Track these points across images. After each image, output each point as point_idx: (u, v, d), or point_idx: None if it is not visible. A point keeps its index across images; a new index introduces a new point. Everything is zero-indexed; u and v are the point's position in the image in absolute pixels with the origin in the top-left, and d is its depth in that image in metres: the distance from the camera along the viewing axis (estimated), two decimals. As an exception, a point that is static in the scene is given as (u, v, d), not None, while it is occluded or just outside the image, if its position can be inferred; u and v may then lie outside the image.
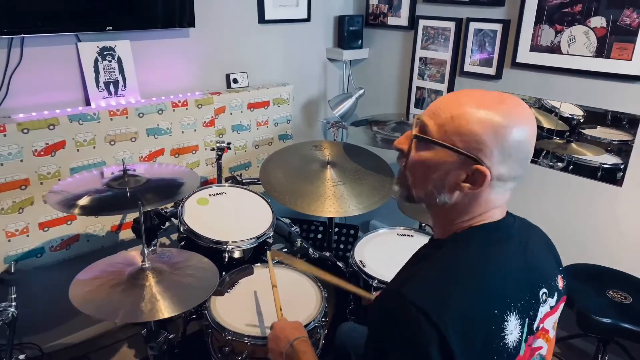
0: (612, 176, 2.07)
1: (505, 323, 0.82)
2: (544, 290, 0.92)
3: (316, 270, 1.49)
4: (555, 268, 0.99)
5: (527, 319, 0.87)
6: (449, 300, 0.80)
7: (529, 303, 0.88)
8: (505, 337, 0.82)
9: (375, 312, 0.89)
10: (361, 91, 2.66)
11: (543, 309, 0.91)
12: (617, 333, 1.78)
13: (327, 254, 2.10)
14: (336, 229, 2.64)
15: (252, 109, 2.57)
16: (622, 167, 2.04)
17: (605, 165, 2.09)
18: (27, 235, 1.95)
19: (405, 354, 0.79)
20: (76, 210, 1.38)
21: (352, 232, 2.74)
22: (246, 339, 1.40)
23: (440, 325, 0.77)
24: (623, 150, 2.03)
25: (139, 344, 2.30)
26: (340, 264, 2.07)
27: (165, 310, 1.21)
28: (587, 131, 2.12)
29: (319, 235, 2.75)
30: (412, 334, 0.78)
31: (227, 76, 2.51)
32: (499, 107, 0.84)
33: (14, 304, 1.47)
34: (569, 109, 2.16)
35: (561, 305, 0.99)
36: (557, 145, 2.23)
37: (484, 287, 0.83)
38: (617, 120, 2.02)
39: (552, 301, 0.94)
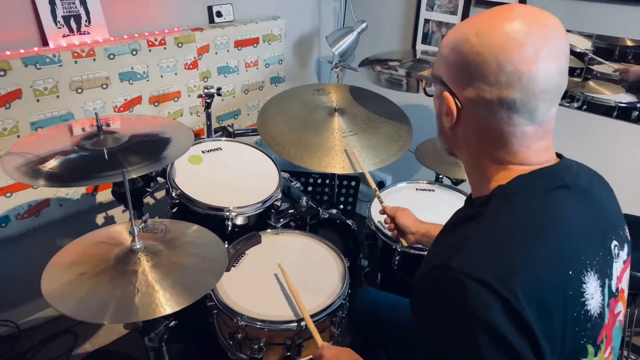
0: (627, 115, 1.94)
1: (584, 286, 0.68)
2: (615, 242, 0.77)
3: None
4: (621, 216, 0.84)
5: (606, 279, 0.72)
6: (513, 264, 0.63)
7: (605, 259, 0.73)
8: (586, 302, 0.68)
9: (423, 297, 0.70)
10: (363, 25, 2.34)
11: (617, 265, 0.76)
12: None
13: (334, 211, 1.88)
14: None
15: (239, 48, 2.24)
16: (638, 105, 1.91)
17: (621, 104, 1.94)
18: (-13, 203, 1.66)
19: (471, 338, 0.61)
20: (40, 182, 1.09)
21: (353, 183, 2.53)
22: (263, 324, 1.19)
23: (506, 294, 0.60)
24: (634, 87, 1.89)
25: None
26: (349, 221, 1.86)
27: (166, 304, 0.97)
28: (595, 67, 1.95)
29: (318, 189, 2.53)
30: (474, 312, 0.60)
31: (209, 8, 2.15)
32: (474, 18, 0.72)
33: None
34: (580, 43, 1.94)
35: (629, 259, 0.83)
36: (574, 83, 2.03)
37: (552, 244, 0.67)
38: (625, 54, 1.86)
39: (623, 254, 0.79)
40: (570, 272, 0.66)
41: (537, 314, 0.61)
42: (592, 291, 0.68)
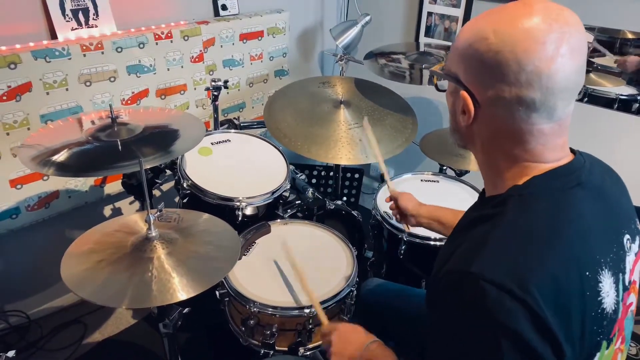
0: (628, 107, 1.96)
1: (600, 285, 0.68)
2: (627, 236, 0.78)
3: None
4: (633, 208, 0.84)
5: (619, 274, 0.73)
6: (532, 268, 0.63)
7: (618, 255, 0.73)
8: (603, 301, 0.69)
9: (442, 302, 0.70)
10: (367, 18, 2.36)
11: (630, 258, 0.77)
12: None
13: (340, 202, 1.91)
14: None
15: (244, 41, 2.25)
16: (639, 97, 1.93)
17: (622, 97, 1.97)
18: (-2, 195, 1.68)
19: (494, 345, 0.62)
20: (51, 171, 1.12)
21: (356, 176, 2.55)
22: (275, 310, 1.22)
23: (528, 300, 0.60)
24: (634, 80, 1.92)
25: (136, 305, 2.12)
26: (354, 212, 1.88)
27: (183, 289, 1.00)
28: (596, 60, 1.97)
29: (322, 181, 2.56)
30: (496, 318, 0.61)
31: (215, 2, 2.17)
32: (491, 14, 0.70)
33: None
34: None
35: None
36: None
37: (569, 246, 0.67)
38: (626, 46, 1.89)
39: (635, 247, 0.79)
40: (587, 273, 0.67)
41: (557, 317, 0.62)
42: (608, 289, 0.69)
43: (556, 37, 0.65)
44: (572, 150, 0.78)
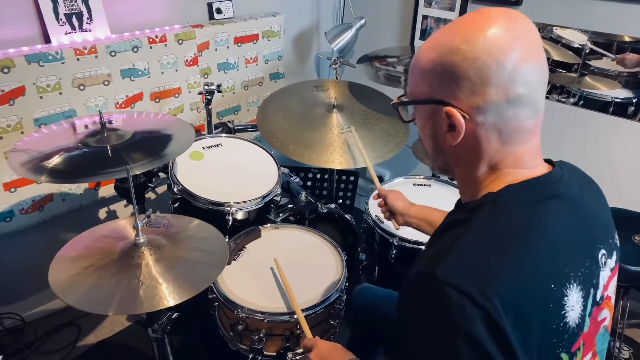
0: (624, 111, 1.95)
1: (566, 299, 0.68)
2: (603, 251, 0.77)
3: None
4: (612, 222, 0.83)
5: (590, 289, 0.72)
6: (496, 275, 0.64)
7: (590, 270, 0.73)
8: (566, 315, 0.68)
9: (407, 302, 0.71)
10: (362, 21, 2.36)
11: (604, 274, 0.76)
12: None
13: (333, 206, 1.92)
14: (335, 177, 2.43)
15: (239, 44, 2.26)
16: (634, 101, 1.92)
17: (617, 100, 1.96)
18: (-9, 199, 1.69)
19: (451, 348, 0.62)
20: (45, 177, 1.12)
21: (352, 178, 2.56)
22: (263, 315, 1.23)
23: (487, 307, 0.61)
24: (631, 82, 1.91)
25: (130, 308, 2.12)
26: (347, 216, 1.89)
27: (170, 296, 1.00)
28: (593, 62, 1.97)
29: (317, 184, 2.56)
30: (456, 322, 0.62)
31: (209, 5, 2.17)
32: (450, 29, 0.71)
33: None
34: (576, 38, 1.96)
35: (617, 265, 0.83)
36: (570, 79, 2.05)
37: (537, 257, 0.67)
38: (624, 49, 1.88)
39: (611, 262, 0.79)
40: (552, 286, 0.67)
41: (516, 326, 0.62)
42: (573, 303, 0.69)
43: (522, 34, 0.69)
44: (551, 162, 0.78)
